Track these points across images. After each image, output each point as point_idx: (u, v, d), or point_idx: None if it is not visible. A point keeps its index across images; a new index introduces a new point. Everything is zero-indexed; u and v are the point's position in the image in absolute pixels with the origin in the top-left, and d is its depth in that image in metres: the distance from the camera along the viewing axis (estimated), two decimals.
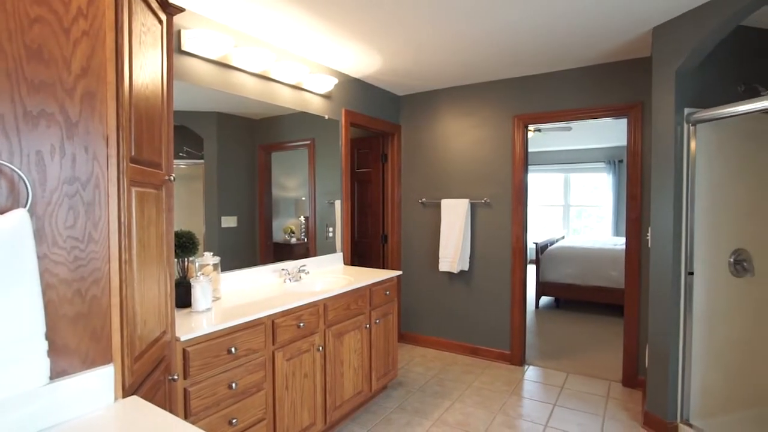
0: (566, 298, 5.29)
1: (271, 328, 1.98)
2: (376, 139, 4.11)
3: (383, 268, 4.07)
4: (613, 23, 2.46)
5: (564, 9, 2.27)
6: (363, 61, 3.08)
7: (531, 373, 3.40)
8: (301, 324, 2.13)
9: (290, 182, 2.98)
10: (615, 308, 5.19)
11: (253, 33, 2.52)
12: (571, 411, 2.78)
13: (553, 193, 8.88)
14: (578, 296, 5.12)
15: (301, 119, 2.97)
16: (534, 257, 5.63)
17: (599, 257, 5.07)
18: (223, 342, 1.73)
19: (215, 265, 2.12)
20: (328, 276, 2.84)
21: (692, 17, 2.27)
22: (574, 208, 8.72)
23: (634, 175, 3.06)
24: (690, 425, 2.38)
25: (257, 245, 2.69)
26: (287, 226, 2.94)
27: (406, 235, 4.07)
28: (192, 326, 1.68)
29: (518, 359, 3.51)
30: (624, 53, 2.95)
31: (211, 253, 2.15)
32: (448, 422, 2.63)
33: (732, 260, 2.50)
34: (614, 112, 3.15)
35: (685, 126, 2.40)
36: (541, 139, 7.31)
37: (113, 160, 1.03)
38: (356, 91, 3.50)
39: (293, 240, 2.97)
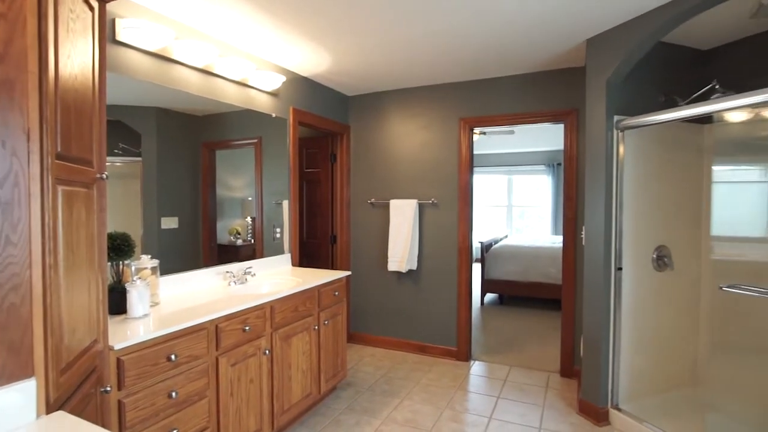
0: (509, 294, 5.52)
1: (215, 333, 1.91)
2: (325, 139, 4.08)
3: (332, 268, 4.04)
4: (551, 34, 2.60)
5: (505, 19, 2.37)
6: (312, 59, 3.05)
7: (476, 367, 3.51)
8: (247, 328, 2.07)
9: (236, 182, 2.88)
10: (554, 303, 5.47)
11: (196, 25, 2.42)
12: (513, 402, 2.90)
13: (497, 194, 9.23)
14: (520, 292, 5.36)
15: (248, 117, 2.89)
16: (479, 256, 5.82)
17: (539, 255, 5.34)
18: (161, 349, 1.65)
19: (153, 269, 2.02)
20: (275, 278, 2.78)
21: (621, 31, 2.45)
22: (516, 209, 9.12)
23: (570, 177, 3.25)
24: (619, 409, 2.57)
25: (200, 247, 2.58)
26: (233, 227, 2.84)
27: (356, 235, 4.07)
28: (127, 334, 1.58)
29: (464, 355, 3.62)
30: (562, 62, 3.12)
31: (149, 256, 2.03)
32: (397, 420, 2.66)
33: (655, 256, 2.72)
34: (552, 118, 3.33)
35: (615, 132, 2.59)
36: (486, 141, 7.57)
37: (35, 156, 0.95)
38: (305, 89, 3.45)
39: (239, 241, 2.88)
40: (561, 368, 3.33)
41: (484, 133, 6.15)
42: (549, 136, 7.05)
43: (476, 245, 7.73)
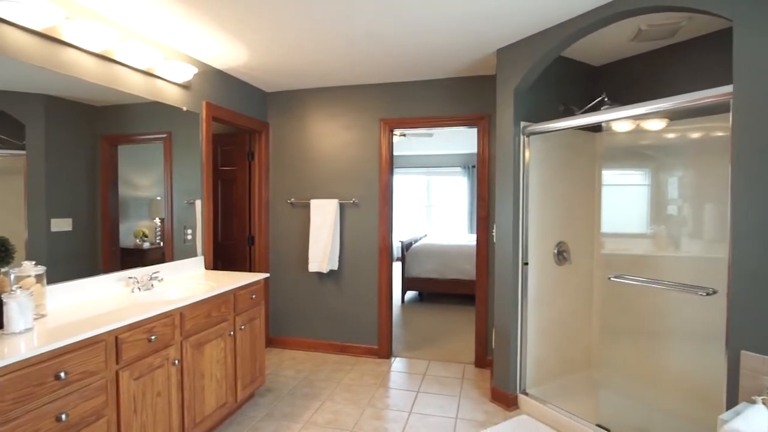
0: (429, 291, 5.72)
1: (114, 345, 1.73)
2: (242, 136, 3.91)
3: (250, 271, 3.89)
4: (464, 43, 2.73)
5: (422, 25, 2.45)
6: (228, 52, 2.90)
7: (397, 364, 3.58)
8: (153, 337, 1.91)
9: (142, 180, 2.66)
10: (470, 298, 5.77)
11: (92, 5, 2.18)
12: (432, 395, 3.00)
13: (417, 195, 9.51)
14: (439, 289, 5.57)
15: (155, 110, 2.67)
16: (400, 255, 5.95)
17: (456, 253, 5.59)
18: (48, 367, 1.46)
19: (38, 276, 1.78)
20: (186, 282, 2.61)
21: (526, 44, 2.64)
22: (435, 208, 9.46)
23: (482, 178, 3.45)
24: (527, 394, 2.77)
25: (99, 251, 2.33)
26: (139, 229, 2.62)
27: (275, 236, 3.95)
28: (4, 352, 1.38)
29: (386, 352, 3.68)
30: (475, 70, 3.30)
31: (33, 263, 1.80)
32: (318, 423, 2.63)
33: (556, 251, 2.98)
34: (467, 122, 3.51)
35: (521, 137, 2.79)
36: (406, 143, 7.77)
37: None
38: (220, 83, 3.28)
39: (146, 245, 2.66)
40: (476, 359, 3.51)
41: (404, 135, 6.31)
42: (465, 140, 7.42)
43: (397, 244, 7.92)
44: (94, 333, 1.63)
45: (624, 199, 3.04)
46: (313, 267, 3.69)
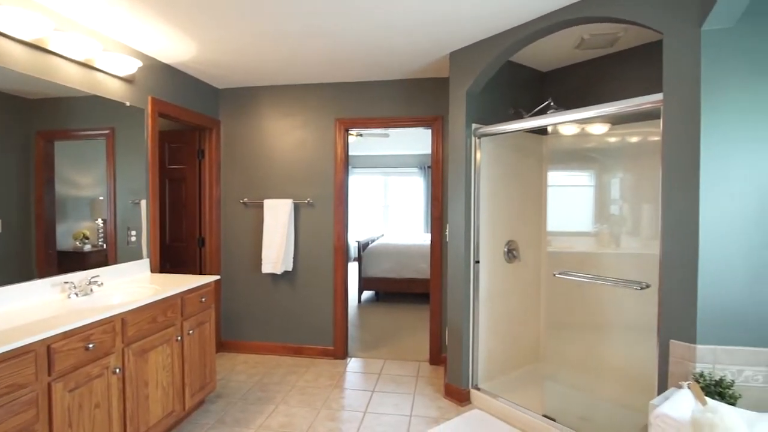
0: (385, 290, 5.75)
1: (46, 356, 1.62)
2: (191, 134, 3.77)
3: (200, 273, 3.76)
4: (418, 44, 2.76)
5: (376, 27, 2.45)
6: (175, 46, 2.78)
7: (353, 364, 3.58)
8: (91, 345, 1.80)
9: (83, 178, 2.50)
10: (426, 296, 5.84)
11: None
12: (387, 394, 3.02)
13: (375, 195, 9.53)
14: (395, 288, 5.62)
15: (96, 104, 2.52)
16: (357, 255, 5.94)
17: (412, 252, 5.66)
18: None
19: None
20: (129, 286, 2.48)
21: (477, 48, 2.71)
22: (392, 208, 9.52)
23: (436, 179, 3.51)
24: (479, 389, 2.84)
25: (33, 255, 2.17)
26: (79, 231, 2.46)
27: (227, 237, 3.83)
28: None
29: (341, 353, 3.66)
30: (429, 72, 3.35)
31: None
32: (271, 427, 2.58)
33: (506, 250, 3.08)
34: (421, 123, 3.55)
35: (473, 138, 2.86)
36: (364, 143, 7.76)
37: None
38: (167, 78, 3.14)
39: (87, 247, 2.51)
40: (430, 357, 3.57)
41: (361, 135, 6.30)
42: (421, 141, 7.50)
43: (353, 244, 7.90)
44: (21, 343, 1.51)
45: (570, 200, 3.19)
46: (266, 268, 3.62)
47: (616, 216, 2.99)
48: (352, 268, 6.52)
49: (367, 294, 6.07)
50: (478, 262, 2.88)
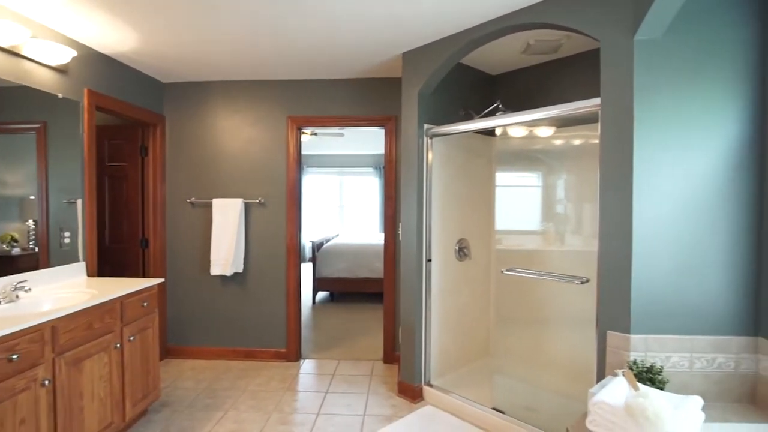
0: (340, 291, 5.72)
1: None
2: (133, 129, 3.57)
3: (144, 276, 3.57)
4: (369, 44, 2.77)
5: (328, 25, 2.43)
6: (113, 35, 2.62)
7: (306, 366, 3.53)
8: (15, 356, 1.66)
9: (11, 176, 2.31)
10: (380, 296, 5.86)
11: None
12: (340, 395, 3.00)
13: (330, 194, 9.46)
14: (350, 288, 5.60)
15: (25, 95, 2.33)
16: (311, 255, 5.87)
17: (366, 252, 5.66)
18: None
19: None
20: (62, 291, 2.31)
21: (429, 49, 2.75)
22: (348, 208, 9.48)
23: (390, 178, 3.52)
24: (431, 385, 2.89)
25: None
26: (6, 233, 2.27)
27: (173, 238, 3.66)
28: None
29: (294, 355, 3.60)
30: (383, 71, 3.36)
31: None
32: None
33: (457, 248, 3.15)
34: (375, 123, 3.56)
35: (425, 139, 2.90)
36: (318, 142, 7.69)
37: None
38: (105, 69, 2.96)
39: (16, 250, 2.31)
40: (384, 356, 3.58)
41: (315, 134, 6.24)
42: (376, 140, 7.52)
43: (307, 245, 7.81)
44: None
45: (518, 199, 3.31)
46: (215, 270, 3.49)
47: (560, 215, 3.13)
48: (307, 269, 6.43)
49: (321, 295, 6.01)
50: (430, 260, 2.92)
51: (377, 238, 6.73)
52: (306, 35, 2.63)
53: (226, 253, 3.47)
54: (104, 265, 3.37)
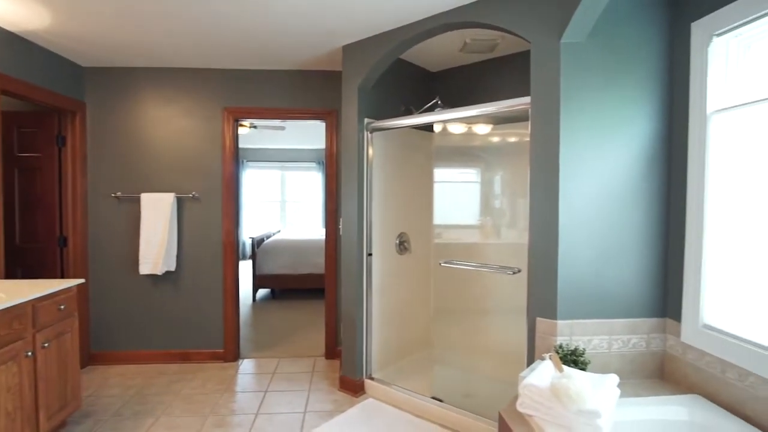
0: (282, 287, 5.60)
1: None
2: (49, 117, 3.26)
3: (63, 277, 3.28)
4: (311, 34, 2.71)
5: (266, 11, 2.35)
6: (20, 12, 2.37)
7: (246, 366, 3.42)
8: None
9: None
10: (322, 291, 5.81)
11: None
12: (281, 393, 2.94)
13: (272, 189, 9.22)
14: (292, 285, 5.50)
15: None
16: (251, 252, 5.69)
17: (308, 247, 5.58)
18: None
19: None
20: None
21: (369, 44, 2.75)
22: (290, 204, 9.30)
23: (331, 173, 3.49)
24: (373, 378, 2.91)
25: None
26: None
27: (96, 235, 3.39)
28: None
29: (233, 355, 3.48)
30: (324, 64, 3.31)
31: None
32: None
33: (397, 242, 3.19)
34: (316, 116, 3.51)
35: (365, 133, 2.90)
36: (259, 136, 7.46)
37: None
38: (13, 49, 2.67)
39: None
40: (326, 351, 3.56)
41: (255, 127, 6.04)
42: (319, 135, 7.39)
43: (248, 242, 7.56)
44: None
45: (457, 194, 3.40)
46: (145, 269, 3.28)
47: (497, 210, 3.26)
48: (246, 267, 6.24)
49: (262, 292, 5.85)
50: (371, 254, 2.93)
51: (320, 234, 6.65)
52: (244, 22, 2.52)
53: (156, 250, 3.28)
54: (15, 267, 3.06)
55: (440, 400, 2.52)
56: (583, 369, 1.79)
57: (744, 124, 1.66)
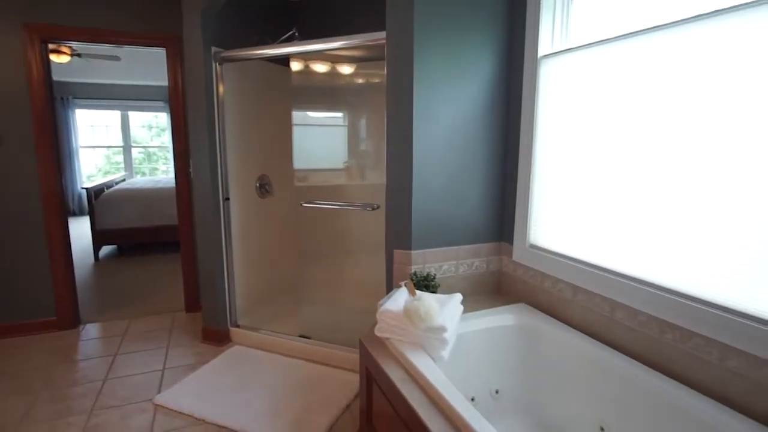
0: (132, 243, 5.01)
1: None
2: None
3: None
4: None
5: None
6: None
7: (89, 331, 3.03)
8: None
9: None
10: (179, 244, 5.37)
11: None
12: (134, 354, 2.69)
13: (112, 133, 7.96)
14: (143, 239, 4.96)
15: None
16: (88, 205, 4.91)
17: (160, 196, 5.03)
18: None
19: None
20: None
21: None
22: (137, 150, 8.18)
23: (176, 109, 3.09)
24: (238, 326, 2.83)
25: None
26: None
27: None
28: None
29: (70, 322, 3.04)
30: None
31: None
32: None
33: (258, 185, 3.03)
34: (153, 42, 3.02)
35: (214, 64, 2.59)
36: (90, 68, 6.24)
37: None
38: None
39: None
40: (186, 305, 3.33)
41: (79, 55, 5.02)
42: (164, 68, 6.50)
43: (83, 193, 6.51)
44: None
45: (321, 136, 3.31)
46: None
47: (362, 152, 3.27)
48: (85, 222, 5.40)
49: (106, 249, 5.16)
50: (228, 199, 2.74)
51: (172, 182, 6.03)
52: None
53: None
54: None
55: (308, 338, 2.57)
56: (434, 292, 1.96)
57: (567, 69, 1.88)
